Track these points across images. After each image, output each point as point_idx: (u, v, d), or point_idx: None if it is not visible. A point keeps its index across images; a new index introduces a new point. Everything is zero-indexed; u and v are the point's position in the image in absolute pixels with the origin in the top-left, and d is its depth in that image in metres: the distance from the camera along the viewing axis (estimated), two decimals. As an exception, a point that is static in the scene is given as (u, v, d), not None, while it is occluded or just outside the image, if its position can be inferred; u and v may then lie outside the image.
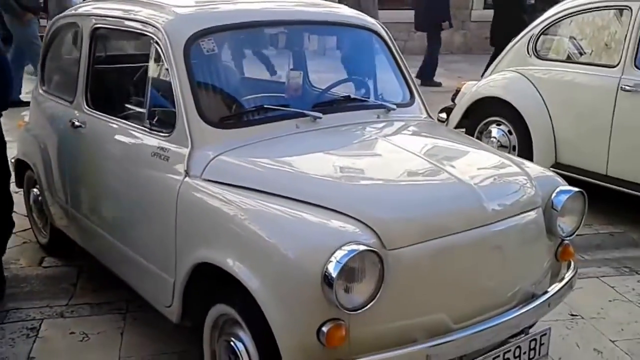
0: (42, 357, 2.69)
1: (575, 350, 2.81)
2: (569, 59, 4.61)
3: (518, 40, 4.77)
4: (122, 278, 2.82)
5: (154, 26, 2.54)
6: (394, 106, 2.78)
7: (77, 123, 2.99)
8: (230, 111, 2.52)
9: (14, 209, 3.65)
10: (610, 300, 3.28)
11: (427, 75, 8.62)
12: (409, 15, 9.63)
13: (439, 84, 8.45)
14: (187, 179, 2.28)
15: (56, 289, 3.28)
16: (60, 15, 3.49)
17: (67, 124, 3.06)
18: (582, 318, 3.08)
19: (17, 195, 4.19)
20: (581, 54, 4.60)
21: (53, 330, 2.89)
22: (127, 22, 2.81)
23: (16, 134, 3.82)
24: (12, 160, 3.80)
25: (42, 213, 3.60)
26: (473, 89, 4.93)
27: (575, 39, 4.63)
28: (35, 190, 3.63)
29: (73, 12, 3.37)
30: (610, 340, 2.90)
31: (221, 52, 2.66)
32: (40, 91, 3.57)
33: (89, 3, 3.41)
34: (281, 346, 1.87)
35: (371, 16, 3.21)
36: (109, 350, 2.73)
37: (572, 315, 3.10)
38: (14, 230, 3.80)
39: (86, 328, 2.90)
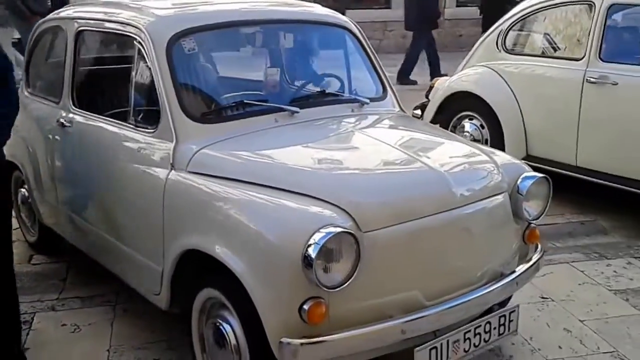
0: (36, 348, 2.79)
1: (545, 330, 2.96)
2: (537, 53, 4.75)
3: (488, 36, 4.92)
4: (111, 271, 2.92)
5: (136, 27, 2.66)
6: (368, 100, 2.92)
7: (64, 122, 3.08)
8: (212, 107, 2.65)
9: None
10: (579, 284, 3.43)
11: (404, 74, 8.78)
12: (384, 14, 9.82)
13: (414, 82, 8.62)
14: (172, 171, 2.40)
15: (46, 285, 3.37)
16: (44, 19, 3.59)
17: (54, 123, 3.16)
18: (553, 300, 3.23)
19: None
20: (548, 48, 4.75)
21: (45, 322, 2.99)
22: (110, 25, 2.93)
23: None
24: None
25: (31, 212, 3.68)
26: (446, 84, 5.06)
27: (542, 33, 4.78)
28: (23, 190, 3.71)
29: (56, 16, 3.46)
30: (579, 320, 3.04)
31: (201, 51, 2.78)
32: (26, 93, 3.65)
33: (71, 7, 3.52)
34: (266, 324, 1.99)
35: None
36: (100, 340, 2.84)
37: (543, 298, 3.25)
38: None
39: (77, 320, 3.01)
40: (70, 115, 3.08)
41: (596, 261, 3.71)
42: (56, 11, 3.61)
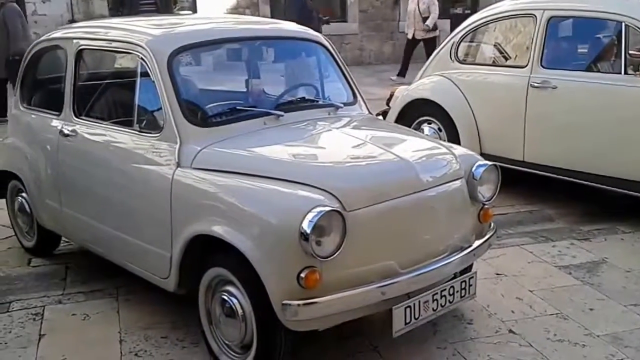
0: (53, 334, 3.08)
1: (500, 299, 3.38)
2: (486, 63, 5.23)
3: (442, 48, 5.37)
4: (118, 263, 3.24)
5: (138, 45, 3.01)
6: (342, 105, 3.34)
7: (66, 132, 3.40)
8: (210, 113, 3.01)
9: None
10: (529, 262, 3.84)
11: None
12: (341, 27, 10.31)
13: None
14: (179, 168, 2.76)
15: (48, 284, 3.64)
16: (40, 39, 3.90)
17: (56, 133, 3.46)
18: (506, 276, 3.65)
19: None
20: (497, 58, 5.22)
21: (56, 314, 3.27)
22: (110, 44, 3.28)
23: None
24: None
25: (28, 218, 3.94)
26: (405, 92, 5.47)
27: (490, 44, 5.25)
28: (20, 198, 3.97)
29: (54, 36, 3.78)
30: (529, 291, 3.46)
31: (196, 64, 3.17)
32: (22, 108, 3.94)
33: (67, 27, 3.85)
34: (269, 291, 2.37)
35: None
36: (110, 325, 3.15)
37: (497, 274, 3.66)
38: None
39: (85, 310, 3.30)
40: (72, 125, 3.40)
41: (543, 243, 4.11)
42: (49, 33, 3.92)
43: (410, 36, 10.27)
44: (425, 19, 9.97)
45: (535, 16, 4.68)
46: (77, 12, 10.95)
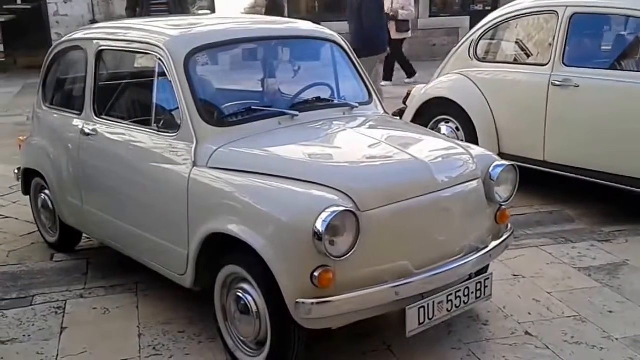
0: (74, 327, 3.16)
1: (517, 300, 3.35)
2: (506, 61, 5.17)
3: (460, 46, 5.33)
4: (136, 259, 3.30)
5: (156, 46, 3.05)
6: (357, 104, 3.34)
7: (87, 131, 3.46)
8: (225, 113, 3.04)
9: (18, 217, 4.06)
10: (547, 263, 3.79)
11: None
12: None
13: None
14: (195, 168, 2.80)
15: (70, 278, 3.72)
16: (61, 40, 3.98)
17: (77, 132, 3.53)
18: (524, 277, 3.60)
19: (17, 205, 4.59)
20: (517, 56, 5.15)
21: (77, 307, 3.35)
22: (129, 44, 3.33)
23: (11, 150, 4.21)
24: (16, 171, 4.25)
25: (51, 214, 4.02)
26: (422, 91, 5.44)
27: (510, 42, 5.19)
28: (43, 195, 4.06)
29: (75, 37, 3.85)
30: (547, 292, 3.42)
31: (212, 64, 3.20)
32: (44, 107, 4.02)
33: (87, 28, 3.92)
34: (283, 289, 2.39)
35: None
36: (129, 319, 3.21)
37: (515, 275, 3.62)
38: (20, 234, 4.26)
39: (105, 304, 3.37)
40: (93, 124, 3.46)
41: (562, 245, 4.05)
42: (70, 34, 4.00)
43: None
44: (394, 18, 9.29)
45: (558, 13, 4.62)
46: (98, 12, 11.12)
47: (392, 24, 9.31)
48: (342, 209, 2.36)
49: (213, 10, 11.20)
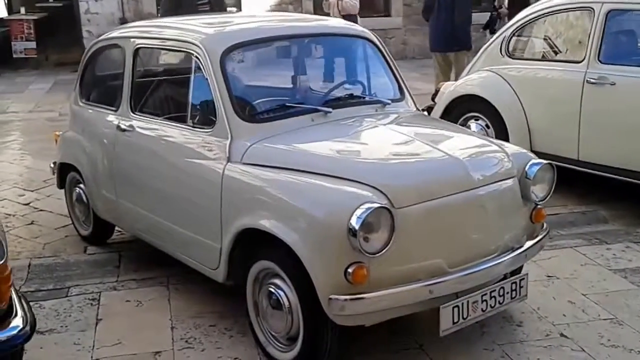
0: (109, 318, 3.21)
1: (551, 302, 3.31)
2: (538, 57, 5.09)
3: (491, 43, 5.27)
4: (169, 253, 3.34)
5: (193, 43, 3.08)
6: (389, 101, 3.33)
7: (123, 127, 3.51)
8: (260, 109, 3.06)
9: (52, 210, 4.12)
10: (582, 265, 3.73)
11: None
12: (385, 22, 10.31)
13: None
14: (229, 163, 2.82)
15: (103, 271, 3.78)
16: (98, 39, 4.05)
17: (113, 128, 3.58)
18: (558, 278, 3.55)
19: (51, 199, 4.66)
20: (549, 52, 5.06)
21: (111, 299, 3.41)
22: (166, 42, 3.38)
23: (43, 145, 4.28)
24: (52, 165, 4.33)
25: (85, 208, 4.09)
26: (451, 88, 5.37)
27: (544, 38, 5.09)
28: (77, 189, 4.12)
29: (112, 35, 3.92)
30: (582, 294, 3.37)
31: (248, 62, 3.22)
32: (81, 103, 4.08)
33: (123, 27, 3.97)
34: (317, 285, 2.40)
35: None
36: (161, 311, 3.26)
37: (549, 276, 3.57)
38: (55, 227, 4.34)
39: (138, 297, 3.42)
40: (129, 120, 3.50)
41: (597, 246, 3.98)
42: (107, 32, 4.06)
43: None
44: (344, 16, 8.01)
45: (594, 9, 4.53)
46: (128, 10, 11.25)
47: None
48: (377, 205, 2.35)
49: (240, 8, 11.25)
